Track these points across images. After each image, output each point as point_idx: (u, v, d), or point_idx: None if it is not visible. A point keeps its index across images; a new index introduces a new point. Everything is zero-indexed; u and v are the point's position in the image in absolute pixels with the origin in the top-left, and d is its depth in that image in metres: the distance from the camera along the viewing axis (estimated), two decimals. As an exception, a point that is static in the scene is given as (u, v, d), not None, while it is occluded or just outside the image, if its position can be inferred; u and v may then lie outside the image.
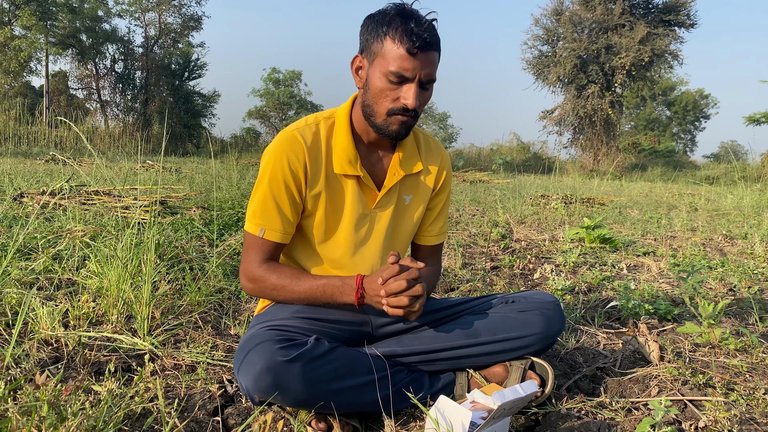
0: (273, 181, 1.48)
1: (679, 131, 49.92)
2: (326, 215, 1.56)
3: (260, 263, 1.51)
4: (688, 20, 24.89)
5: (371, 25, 1.41)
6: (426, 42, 1.34)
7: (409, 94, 1.38)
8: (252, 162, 14.86)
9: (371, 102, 1.44)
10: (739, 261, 3.86)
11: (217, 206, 4.79)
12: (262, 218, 1.50)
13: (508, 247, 4.28)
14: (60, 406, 1.20)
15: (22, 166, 8.43)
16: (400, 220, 1.67)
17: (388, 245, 1.66)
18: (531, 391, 1.25)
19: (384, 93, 1.40)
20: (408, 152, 1.62)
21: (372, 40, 1.40)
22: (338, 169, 1.52)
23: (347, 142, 1.52)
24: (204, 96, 31.13)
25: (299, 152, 1.48)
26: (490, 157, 27.61)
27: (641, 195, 10.55)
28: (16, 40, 24.02)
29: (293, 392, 1.25)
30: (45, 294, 2.21)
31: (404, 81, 1.38)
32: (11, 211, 3.78)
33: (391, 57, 1.36)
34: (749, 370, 1.82)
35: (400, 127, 1.44)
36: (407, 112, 1.41)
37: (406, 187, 1.64)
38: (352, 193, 1.56)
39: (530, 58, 27.68)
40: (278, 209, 1.49)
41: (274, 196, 1.49)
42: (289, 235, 1.54)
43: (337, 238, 1.59)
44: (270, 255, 1.53)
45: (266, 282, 1.51)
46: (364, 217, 1.59)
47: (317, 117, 1.57)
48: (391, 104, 1.41)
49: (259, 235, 1.50)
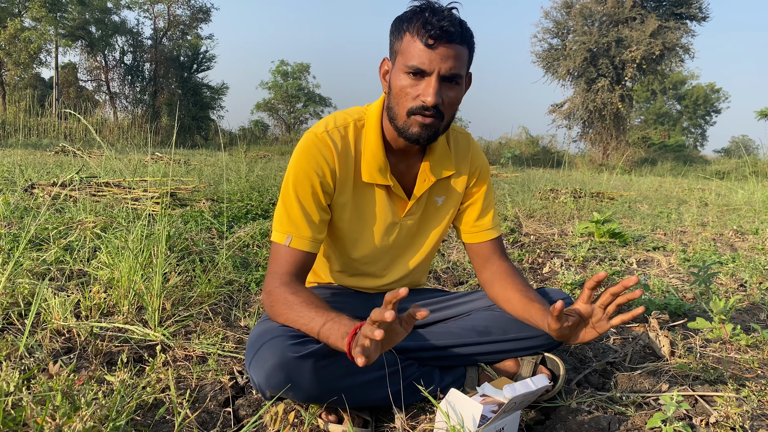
0: (299, 185, 1.40)
1: (690, 125, 49.53)
2: (351, 223, 1.52)
3: (283, 276, 1.37)
4: (700, 13, 24.69)
5: (395, 25, 1.35)
6: (444, 31, 1.25)
7: (428, 90, 1.28)
8: (260, 154, 14.88)
9: (393, 104, 1.37)
10: (750, 256, 3.83)
11: (226, 198, 4.81)
12: (289, 225, 1.39)
13: (517, 241, 4.27)
14: (73, 395, 1.21)
15: (32, 158, 8.48)
16: (429, 222, 1.61)
17: (416, 250, 1.64)
18: (542, 385, 1.25)
19: (404, 91, 1.32)
20: (439, 156, 1.53)
21: (394, 39, 1.35)
22: (367, 177, 1.46)
23: (377, 148, 1.45)
24: (212, 88, 31.18)
25: (329, 156, 1.42)
26: (498, 150, 27.54)
27: (651, 189, 10.48)
28: (26, 32, 24.09)
29: (305, 388, 1.24)
30: (57, 285, 2.22)
31: (423, 76, 1.30)
32: (22, 202, 3.80)
33: (410, 52, 1.29)
34: (761, 365, 1.81)
35: (420, 130, 1.34)
36: (427, 111, 1.31)
37: (438, 190, 1.58)
38: (381, 202, 1.51)
39: (540, 51, 27.57)
40: (306, 215, 1.40)
41: (300, 201, 1.40)
42: (318, 244, 1.43)
43: (364, 246, 1.56)
44: (297, 268, 1.39)
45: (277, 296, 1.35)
46: (393, 225, 1.55)
47: (346, 119, 1.48)
48: (411, 103, 1.32)
49: (285, 243, 1.39)
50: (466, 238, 1.66)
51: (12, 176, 5.40)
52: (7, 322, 1.85)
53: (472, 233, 1.64)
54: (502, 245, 1.66)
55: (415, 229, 1.61)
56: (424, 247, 1.65)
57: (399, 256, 1.64)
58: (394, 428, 1.37)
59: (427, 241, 1.64)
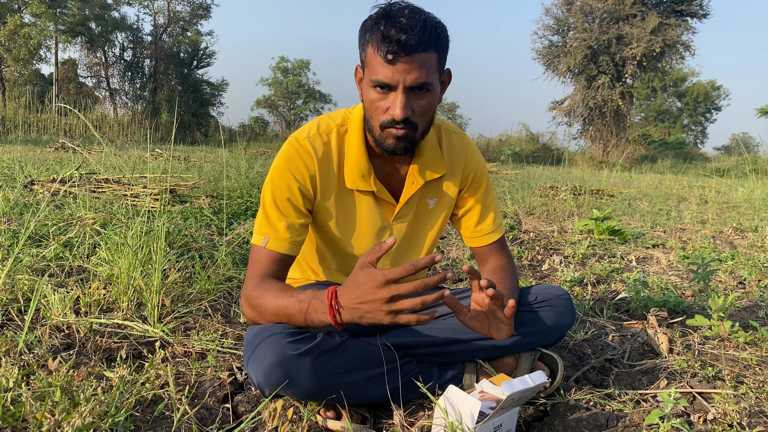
0: (277, 190, 1.41)
1: (690, 123, 49.47)
2: (340, 227, 1.51)
3: (257, 278, 1.36)
4: (701, 10, 24.63)
5: (360, 33, 1.31)
6: (403, 45, 1.20)
7: (395, 104, 1.26)
8: (260, 151, 14.87)
9: (368, 116, 1.36)
10: (750, 254, 3.83)
11: (226, 195, 4.81)
12: (267, 227, 1.40)
13: (517, 239, 4.27)
14: (72, 391, 1.21)
15: (31, 154, 8.47)
16: (421, 226, 1.60)
17: (414, 253, 1.63)
18: (540, 381, 1.25)
19: (374, 105, 1.30)
20: (428, 157, 1.51)
21: (361, 50, 1.32)
22: (350, 184, 1.45)
23: (360, 154, 1.44)
24: (212, 85, 31.15)
25: (309, 162, 1.41)
26: (498, 148, 27.53)
27: (651, 187, 10.48)
28: (26, 28, 24.05)
29: (304, 386, 1.25)
30: (56, 281, 2.23)
31: (390, 89, 1.27)
32: (22, 199, 3.80)
33: (373, 66, 1.26)
34: (759, 363, 1.81)
35: (396, 142, 1.33)
36: (398, 124, 1.29)
37: (429, 192, 1.56)
38: (367, 208, 1.50)
39: (540, 48, 27.53)
40: (284, 218, 1.40)
41: (277, 205, 1.40)
42: (296, 246, 1.42)
43: (356, 250, 1.56)
44: (273, 270, 1.38)
45: (251, 299, 1.34)
46: (383, 229, 1.54)
47: (329, 124, 1.47)
48: (382, 116, 1.30)
49: (262, 245, 1.38)
50: (468, 242, 1.66)
51: (12, 172, 5.40)
52: (6, 318, 1.85)
53: (473, 237, 1.64)
54: (502, 243, 1.66)
55: (410, 233, 1.60)
56: (423, 250, 1.64)
57: (397, 261, 1.63)
58: (392, 425, 1.37)
59: (425, 244, 1.64)
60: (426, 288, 1.06)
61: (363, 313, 1.12)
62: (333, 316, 1.16)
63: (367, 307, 1.11)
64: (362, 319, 1.13)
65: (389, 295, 1.08)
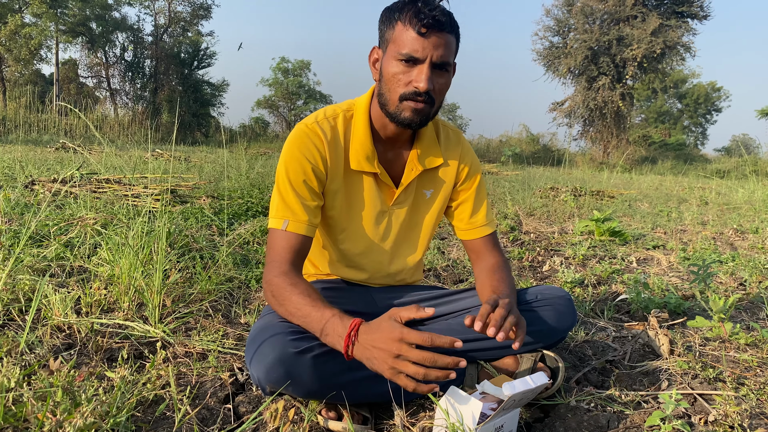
0: (292, 172, 1.45)
1: (690, 124, 49.45)
2: (342, 211, 1.55)
3: (282, 264, 1.40)
4: (701, 11, 24.63)
5: (385, 14, 1.40)
6: (436, 21, 1.31)
7: (420, 77, 1.34)
8: (261, 152, 14.88)
9: (385, 90, 1.42)
10: (750, 255, 3.83)
11: (226, 195, 4.81)
12: (285, 210, 1.43)
13: (517, 240, 4.27)
14: (74, 391, 1.21)
15: (32, 154, 8.47)
16: (418, 215, 1.65)
17: (405, 241, 1.67)
18: (541, 382, 1.25)
19: (396, 77, 1.37)
20: (426, 146, 1.58)
21: (385, 28, 1.40)
22: (355, 165, 1.50)
23: (365, 137, 1.50)
24: (213, 85, 31.15)
25: (320, 145, 1.46)
26: (499, 148, 27.53)
27: (651, 188, 10.48)
28: (27, 28, 24.06)
29: (305, 384, 1.25)
30: (57, 281, 2.23)
31: (416, 63, 1.35)
32: (23, 199, 3.80)
33: (402, 40, 1.34)
34: (760, 364, 1.81)
35: (412, 114, 1.39)
36: (419, 96, 1.36)
37: (426, 182, 1.62)
38: (369, 190, 1.55)
39: (541, 49, 27.55)
40: (300, 200, 1.44)
41: (294, 187, 1.44)
42: (313, 228, 1.47)
43: (354, 235, 1.59)
44: (294, 253, 1.42)
45: (276, 288, 1.37)
46: (383, 213, 1.59)
47: (335, 110, 1.53)
48: (403, 89, 1.37)
49: (282, 228, 1.42)
50: (461, 234, 1.71)
51: (12, 172, 5.40)
52: (7, 318, 1.85)
53: (467, 230, 1.69)
54: (495, 239, 1.70)
55: (408, 220, 1.64)
56: (420, 239, 1.69)
57: (395, 249, 1.66)
58: (393, 425, 1.37)
59: (422, 233, 1.68)
60: (435, 364, 1.12)
61: (371, 357, 1.17)
62: (346, 345, 1.20)
63: (376, 353, 1.16)
64: (368, 362, 1.18)
65: (398, 352, 1.13)
